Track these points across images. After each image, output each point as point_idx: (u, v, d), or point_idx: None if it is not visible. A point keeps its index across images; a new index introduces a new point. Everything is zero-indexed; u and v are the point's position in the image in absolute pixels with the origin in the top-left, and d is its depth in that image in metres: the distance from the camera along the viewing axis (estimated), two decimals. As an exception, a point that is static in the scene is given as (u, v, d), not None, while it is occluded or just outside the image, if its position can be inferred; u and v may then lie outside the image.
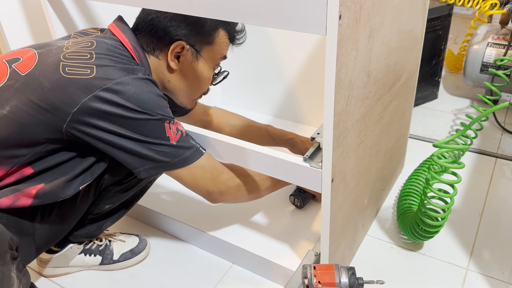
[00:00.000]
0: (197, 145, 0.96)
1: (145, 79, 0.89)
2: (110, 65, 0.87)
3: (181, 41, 0.98)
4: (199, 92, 1.09)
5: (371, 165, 1.12)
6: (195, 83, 1.06)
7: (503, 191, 1.40)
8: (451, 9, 1.78)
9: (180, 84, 1.04)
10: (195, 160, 0.95)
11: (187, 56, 1.01)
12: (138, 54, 0.97)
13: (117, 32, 0.97)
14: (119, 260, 1.20)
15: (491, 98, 1.43)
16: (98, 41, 0.93)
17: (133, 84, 0.86)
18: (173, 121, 0.92)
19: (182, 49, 0.99)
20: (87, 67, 0.85)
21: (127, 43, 0.96)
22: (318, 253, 1.05)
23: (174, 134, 0.92)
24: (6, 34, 1.23)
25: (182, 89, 1.06)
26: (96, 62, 0.87)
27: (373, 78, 0.96)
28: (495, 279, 1.12)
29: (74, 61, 0.87)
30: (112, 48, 0.92)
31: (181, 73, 1.03)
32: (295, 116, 1.73)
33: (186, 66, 1.02)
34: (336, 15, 0.70)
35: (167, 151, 0.91)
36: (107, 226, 1.17)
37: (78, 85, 0.83)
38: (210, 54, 1.04)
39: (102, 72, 0.85)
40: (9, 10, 1.22)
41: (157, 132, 0.89)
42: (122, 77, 0.86)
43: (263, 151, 0.95)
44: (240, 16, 0.79)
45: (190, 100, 1.10)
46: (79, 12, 1.21)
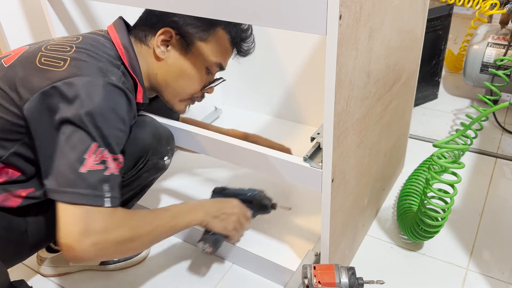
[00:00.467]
0: (105, 194, 0.79)
1: (112, 86, 0.82)
2: (85, 60, 0.84)
3: (169, 28, 0.95)
4: (186, 92, 1.04)
5: (371, 165, 1.12)
6: (181, 80, 1.01)
7: (503, 191, 1.40)
8: (451, 9, 1.78)
9: (166, 78, 1.00)
10: (82, 204, 0.77)
11: (176, 47, 0.98)
12: (128, 55, 0.94)
13: (112, 31, 0.97)
14: (119, 261, 1.19)
15: (491, 98, 1.43)
16: (84, 36, 0.93)
17: (93, 85, 0.80)
18: (103, 149, 0.79)
19: (171, 37, 0.96)
20: (62, 59, 0.84)
21: (117, 42, 0.95)
22: (318, 253, 1.05)
23: (93, 162, 0.78)
24: (6, 34, 1.23)
25: (168, 85, 1.01)
26: (72, 55, 0.85)
27: (373, 78, 0.96)
28: (495, 279, 1.12)
29: (53, 52, 0.86)
30: (96, 44, 0.90)
31: (167, 64, 0.99)
32: (295, 116, 1.73)
33: (173, 57, 0.98)
34: (336, 15, 0.70)
35: (66, 172, 0.77)
36: None
37: (45, 76, 0.81)
38: (202, 52, 0.99)
39: (73, 65, 0.82)
40: (9, 10, 1.22)
41: (79, 145, 0.78)
42: (89, 75, 0.81)
43: (263, 151, 0.95)
44: (240, 16, 0.79)
45: (177, 100, 1.05)
46: (79, 12, 1.21)
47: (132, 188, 1.08)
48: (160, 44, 0.97)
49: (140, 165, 1.02)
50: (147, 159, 1.02)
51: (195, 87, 1.04)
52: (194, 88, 1.04)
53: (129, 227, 0.83)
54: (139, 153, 1.01)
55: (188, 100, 1.07)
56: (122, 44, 0.95)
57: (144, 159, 1.02)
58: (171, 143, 1.06)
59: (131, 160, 1.01)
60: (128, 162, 1.01)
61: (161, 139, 1.03)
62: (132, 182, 1.06)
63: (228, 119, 1.81)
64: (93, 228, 0.77)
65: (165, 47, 0.97)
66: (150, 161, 1.03)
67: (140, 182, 1.08)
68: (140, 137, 1.00)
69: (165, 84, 1.01)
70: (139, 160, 1.02)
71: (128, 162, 1.01)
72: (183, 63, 0.99)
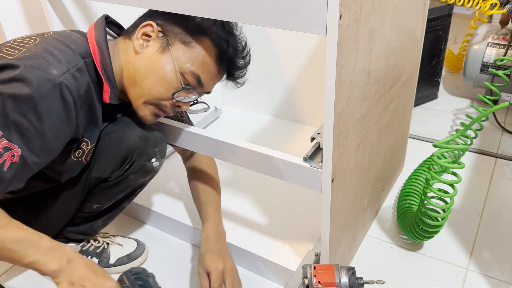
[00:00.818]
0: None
1: (43, 79, 0.78)
2: (36, 51, 0.82)
3: (152, 22, 0.92)
4: (152, 94, 0.93)
5: (371, 165, 1.12)
6: (149, 79, 0.92)
7: (503, 191, 1.40)
8: (451, 9, 1.78)
9: (136, 74, 0.93)
10: None
11: (156, 44, 0.92)
12: (100, 52, 0.90)
13: (90, 28, 0.94)
14: (115, 264, 1.19)
15: (491, 98, 1.43)
16: (57, 31, 0.92)
17: (27, 70, 0.77)
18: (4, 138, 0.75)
19: (153, 32, 0.92)
20: (18, 49, 0.83)
21: (91, 38, 0.92)
22: (318, 253, 1.05)
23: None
24: (6, 34, 1.23)
25: (135, 82, 0.93)
26: (29, 46, 0.83)
27: (373, 78, 0.96)
28: (495, 279, 1.12)
29: (16, 43, 0.85)
30: (62, 39, 0.88)
31: (141, 59, 0.92)
32: (295, 116, 1.73)
33: (149, 53, 0.92)
34: (336, 15, 0.70)
35: None
36: (99, 226, 1.16)
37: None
38: (178, 55, 0.92)
39: (22, 55, 0.81)
40: (9, 10, 1.22)
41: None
42: (27, 64, 0.78)
43: (263, 151, 0.95)
44: (240, 16, 0.79)
45: (141, 102, 0.95)
46: (79, 12, 1.21)
47: (121, 190, 1.07)
48: (140, 36, 0.92)
49: (126, 166, 1.01)
50: (133, 160, 1.01)
51: (162, 91, 0.93)
52: (160, 92, 0.93)
53: None
54: (124, 153, 1.00)
55: (154, 107, 0.96)
56: (96, 41, 0.91)
57: (130, 159, 1.01)
58: (160, 145, 1.04)
59: (116, 160, 1.00)
60: (112, 162, 1.01)
61: (148, 140, 1.01)
62: (119, 183, 1.05)
63: (228, 119, 1.81)
64: None
65: (146, 42, 0.93)
66: (136, 162, 1.01)
67: (128, 183, 1.05)
68: (126, 137, 0.99)
69: (133, 81, 0.94)
70: (125, 160, 1.01)
71: (113, 162, 1.01)
72: (156, 61, 0.92)
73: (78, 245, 1.18)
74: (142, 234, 1.32)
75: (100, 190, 1.06)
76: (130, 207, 1.26)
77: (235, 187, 1.39)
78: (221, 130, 1.73)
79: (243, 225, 1.24)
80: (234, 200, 1.34)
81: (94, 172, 1.02)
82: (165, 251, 1.26)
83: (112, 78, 0.93)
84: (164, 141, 1.06)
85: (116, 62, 0.94)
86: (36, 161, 0.81)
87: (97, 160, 1.00)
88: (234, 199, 1.34)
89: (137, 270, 0.89)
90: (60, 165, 0.93)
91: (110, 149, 1.00)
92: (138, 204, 1.31)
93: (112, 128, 1.00)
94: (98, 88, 0.93)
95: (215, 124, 1.78)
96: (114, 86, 0.94)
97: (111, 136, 0.99)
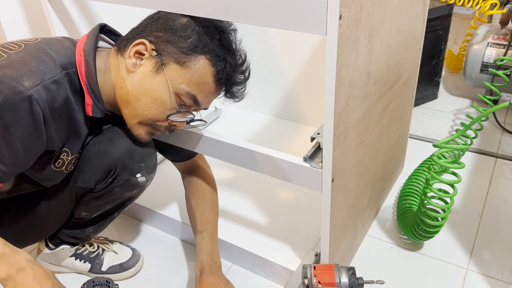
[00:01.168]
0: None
1: (11, 90, 0.76)
2: (13, 59, 0.80)
3: (145, 40, 0.87)
4: (146, 114, 0.91)
5: (371, 165, 1.12)
6: (143, 100, 0.89)
7: (503, 191, 1.40)
8: (451, 9, 1.78)
9: (128, 94, 0.90)
10: None
11: (149, 63, 0.88)
12: (86, 63, 0.88)
13: (83, 37, 0.92)
14: (106, 272, 1.18)
15: (491, 98, 1.43)
16: (45, 38, 0.89)
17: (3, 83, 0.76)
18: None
19: (146, 50, 0.88)
20: (1, 55, 0.82)
21: (80, 49, 0.89)
22: (318, 253, 1.05)
23: None
24: (6, 34, 1.23)
25: (128, 102, 0.90)
26: (11, 53, 0.82)
27: (373, 78, 0.96)
28: (495, 279, 1.12)
29: (3, 48, 0.84)
30: (48, 47, 0.85)
31: (134, 79, 0.89)
32: (295, 116, 1.73)
33: (142, 73, 0.88)
34: (336, 15, 0.70)
35: None
36: (91, 232, 1.14)
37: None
38: (173, 76, 0.88)
39: (1, 61, 0.80)
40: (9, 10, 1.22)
41: None
42: (4, 74, 0.77)
43: (263, 151, 0.95)
44: (240, 16, 0.79)
45: (135, 122, 0.92)
46: (79, 12, 1.21)
47: (107, 201, 1.04)
48: (132, 55, 0.88)
49: (109, 179, 0.99)
50: (116, 173, 0.98)
51: (156, 113, 0.90)
52: (155, 114, 0.90)
53: None
54: (107, 166, 0.97)
55: (149, 127, 0.94)
56: (84, 51, 0.88)
57: (113, 173, 0.98)
58: (148, 160, 1.00)
59: (99, 172, 0.98)
60: (95, 174, 0.98)
61: (134, 155, 0.98)
62: (104, 195, 1.02)
63: (228, 119, 1.80)
64: None
65: (139, 60, 0.89)
66: (120, 176, 0.98)
67: (113, 196, 1.03)
68: (110, 150, 0.96)
69: (126, 101, 0.91)
70: (108, 173, 0.98)
71: (96, 174, 0.98)
72: (150, 82, 0.88)
73: (72, 247, 1.18)
74: (142, 235, 1.32)
75: (87, 199, 1.04)
76: (131, 207, 1.26)
77: (235, 187, 1.39)
78: (221, 130, 1.73)
79: (243, 225, 1.24)
80: (234, 200, 1.34)
81: (79, 181, 1.00)
82: (165, 251, 1.26)
83: (97, 91, 0.89)
84: (152, 156, 1.01)
85: (106, 75, 0.91)
86: (4, 170, 0.80)
87: (82, 170, 0.98)
88: (234, 199, 1.34)
89: (100, 281, 0.88)
90: (40, 172, 0.92)
91: (94, 160, 0.97)
92: (138, 204, 1.31)
93: (99, 139, 0.98)
94: (81, 99, 0.90)
95: (215, 124, 1.78)
96: (99, 99, 0.90)
97: (95, 147, 0.97)
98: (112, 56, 0.93)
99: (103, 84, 0.91)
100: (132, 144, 0.97)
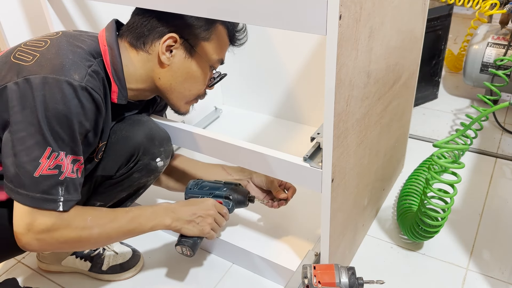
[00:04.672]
0: (59, 201, 0.82)
1: (71, 86, 0.81)
2: (51, 56, 0.83)
3: (174, 33, 0.93)
4: (192, 93, 1.02)
5: (371, 165, 1.12)
6: (187, 83, 0.99)
7: (503, 191, 1.40)
8: (451, 9, 1.78)
9: (172, 82, 0.98)
10: (33, 207, 0.80)
11: (180, 51, 0.95)
12: (111, 53, 0.92)
13: (101, 31, 0.96)
14: (106, 272, 1.18)
15: (491, 98, 1.43)
16: (66, 32, 0.92)
17: (53, 85, 0.79)
18: (57, 154, 0.80)
19: (175, 42, 0.94)
20: (32, 54, 0.84)
21: (102, 39, 0.93)
22: (318, 253, 1.05)
23: (48, 167, 0.80)
24: (6, 35, 1.23)
25: (173, 89, 0.99)
26: (42, 51, 0.84)
27: (373, 78, 0.96)
28: (495, 279, 1.12)
29: (28, 47, 0.86)
30: (73, 40, 0.89)
31: (173, 69, 0.97)
32: (295, 116, 1.73)
33: (178, 62, 0.96)
34: (336, 15, 0.70)
35: (22, 176, 0.79)
36: None
37: (13, 69, 0.82)
38: (206, 52, 0.98)
39: (38, 61, 0.82)
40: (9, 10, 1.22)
41: (32, 149, 0.79)
42: (51, 73, 0.80)
43: (263, 151, 0.95)
44: (240, 16, 0.79)
45: (183, 102, 1.03)
46: (79, 12, 1.21)
47: (123, 188, 1.07)
48: (165, 50, 0.94)
49: (131, 164, 1.01)
50: (138, 158, 1.01)
51: (201, 88, 1.02)
52: (199, 89, 1.02)
53: (77, 229, 0.85)
54: (129, 151, 1.00)
55: (194, 100, 1.05)
56: (107, 42, 0.92)
57: (135, 158, 1.01)
58: (165, 145, 1.04)
59: (122, 158, 1.01)
60: (118, 159, 1.01)
61: (154, 139, 1.02)
62: (122, 181, 1.05)
63: (228, 119, 1.81)
64: (37, 227, 0.81)
65: (169, 52, 0.95)
66: (141, 161, 1.01)
67: (131, 182, 1.06)
68: (131, 136, 1.00)
69: (170, 89, 0.99)
70: (130, 158, 1.01)
71: (119, 160, 1.01)
72: (189, 66, 0.97)
73: None
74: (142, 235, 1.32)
75: (104, 187, 1.06)
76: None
77: (235, 187, 1.39)
78: (221, 130, 1.73)
79: (243, 225, 1.24)
80: (234, 200, 1.34)
81: (100, 170, 1.02)
82: (165, 251, 1.26)
83: (122, 79, 0.94)
84: (169, 141, 1.06)
85: (127, 65, 0.96)
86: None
87: (104, 158, 1.01)
88: (234, 199, 1.34)
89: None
90: None
91: (117, 147, 1.00)
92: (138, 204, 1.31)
93: (119, 126, 1.01)
94: (108, 88, 0.94)
95: (215, 124, 1.78)
96: (124, 86, 0.95)
97: (117, 134, 1.00)
98: (129, 51, 0.96)
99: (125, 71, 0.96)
100: (152, 129, 1.02)
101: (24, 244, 0.82)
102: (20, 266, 1.24)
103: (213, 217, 1.05)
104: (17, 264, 1.25)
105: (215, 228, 1.06)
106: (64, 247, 0.88)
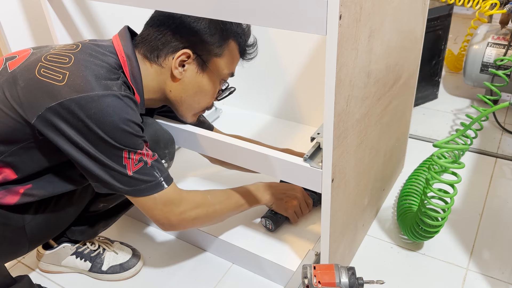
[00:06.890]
0: (159, 179, 0.91)
1: (116, 97, 0.85)
2: (82, 74, 0.84)
3: (187, 49, 0.95)
4: (201, 106, 1.04)
5: (371, 165, 1.12)
6: (197, 96, 1.01)
7: (503, 191, 1.40)
8: (451, 9, 1.78)
9: (182, 95, 1.00)
10: (149, 194, 0.91)
11: (193, 66, 0.97)
12: (130, 64, 0.94)
13: (116, 40, 0.96)
14: (107, 272, 1.18)
15: (491, 98, 1.43)
16: (84, 44, 0.92)
17: (99, 102, 0.82)
18: (134, 151, 0.87)
19: (188, 57, 0.96)
20: (61, 72, 0.84)
21: (120, 51, 0.94)
22: (318, 253, 1.05)
23: (134, 164, 0.88)
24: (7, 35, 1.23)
25: (183, 101, 1.01)
26: (70, 68, 0.84)
27: (373, 78, 0.96)
28: (495, 279, 1.12)
29: (52, 63, 0.86)
30: (95, 54, 0.90)
31: (184, 83, 0.98)
32: (295, 116, 1.73)
33: (190, 76, 0.98)
34: (336, 15, 0.70)
35: (121, 178, 0.88)
36: (101, 227, 1.16)
37: (47, 90, 0.82)
38: (217, 67, 1.00)
39: (72, 80, 0.83)
40: (9, 10, 1.22)
41: (114, 157, 0.86)
42: (92, 90, 0.82)
43: (263, 151, 0.95)
44: (240, 16, 0.79)
45: (191, 114, 1.05)
46: (80, 13, 1.21)
47: None
48: (178, 65, 0.96)
49: None
50: None
51: (209, 101, 1.04)
52: (208, 102, 1.04)
53: (203, 205, 0.99)
54: None
55: (201, 112, 1.07)
56: (125, 53, 0.94)
57: None
58: (170, 147, 1.05)
59: None
60: None
61: (159, 142, 1.02)
62: None
63: (228, 119, 1.81)
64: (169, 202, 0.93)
65: (182, 67, 0.97)
66: None
67: None
68: None
69: (180, 101, 1.01)
70: None
71: None
72: (200, 81, 0.99)
73: (73, 245, 1.18)
74: (142, 235, 1.32)
75: None
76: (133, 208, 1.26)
77: (235, 187, 1.39)
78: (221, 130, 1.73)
79: (243, 225, 1.24)
80: (234, 200, 1.34)
81: None
82: (165, 251, 1.26)
83: (141, 89, 0.96)
84: (173, 143, 1.07)
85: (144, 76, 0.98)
86: None
87: None
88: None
89: None
90: None
91: None
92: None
93: None
94: None
95: (215, 124, 1.77)
96: (142, 96, 0.97)
97: None
98: (144, 62, 0.97)
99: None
100: (157, 131, 1.04)
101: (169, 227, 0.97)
102: (20, 266, 1.24)
103: (299, 201, 1.17)
104: (17, 264, 1.25)
105: (298, 212, 1.18)
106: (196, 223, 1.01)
